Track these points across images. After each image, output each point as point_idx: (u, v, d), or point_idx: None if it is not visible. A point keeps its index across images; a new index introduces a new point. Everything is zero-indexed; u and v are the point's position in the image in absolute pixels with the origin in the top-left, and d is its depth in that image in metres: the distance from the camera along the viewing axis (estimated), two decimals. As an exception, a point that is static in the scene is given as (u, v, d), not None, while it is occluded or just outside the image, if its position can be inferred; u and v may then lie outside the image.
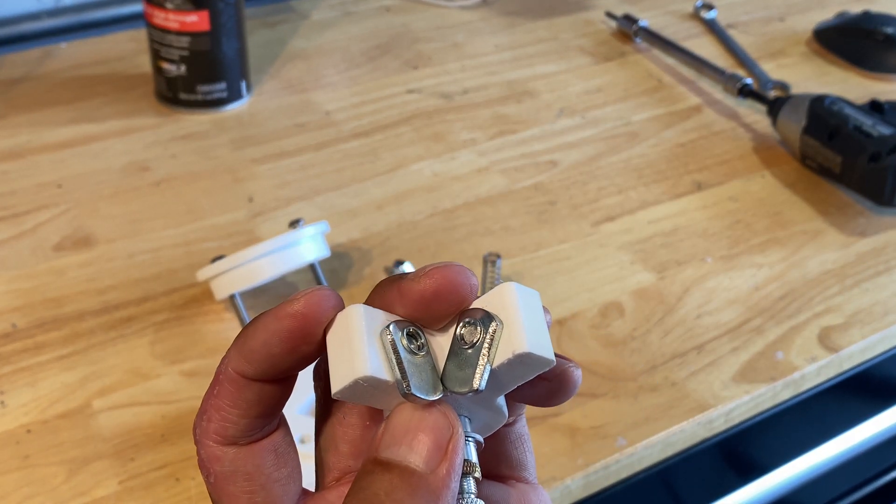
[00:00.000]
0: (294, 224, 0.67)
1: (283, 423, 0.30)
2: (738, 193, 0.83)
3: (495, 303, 0.27)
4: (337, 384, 0.27)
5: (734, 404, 0.63)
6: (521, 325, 0.26)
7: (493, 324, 0.27)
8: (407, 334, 0.27)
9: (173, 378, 0.62)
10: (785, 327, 0.69)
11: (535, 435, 0.59)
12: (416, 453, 0.26)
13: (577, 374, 0.29)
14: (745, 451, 0.71)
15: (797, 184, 0.85)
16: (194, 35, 0.84)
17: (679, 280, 0.73)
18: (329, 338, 0.28)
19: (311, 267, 0.68)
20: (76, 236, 0.73)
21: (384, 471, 0.25)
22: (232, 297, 0.65)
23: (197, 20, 0.84)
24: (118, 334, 0.65)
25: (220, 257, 0.66)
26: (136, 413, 0.60)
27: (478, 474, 0.28)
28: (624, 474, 0.60)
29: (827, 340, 0.68)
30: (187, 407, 0.60)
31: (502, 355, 0.26)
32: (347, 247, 0.74)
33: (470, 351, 0.27)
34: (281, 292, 0.69)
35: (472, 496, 0.27)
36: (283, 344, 0.28)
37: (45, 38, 1.01)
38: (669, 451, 0.62)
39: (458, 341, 0.28)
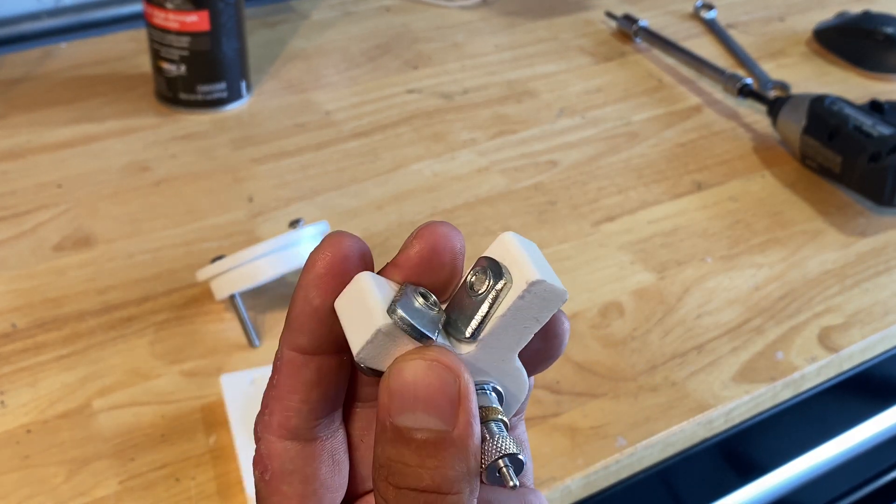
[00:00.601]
0: (294, 224, 0.67)
1: (340, 431, 0.30)
2: (738, 193, 0.83)
3: (499, 251, 0.27)
4: (357, 344, 0.26)
5: (734, 404, 0.63)
6: (528, 262, 0.27)
7: (503, 268, 0.27)
8: (419, 293, 0.27)
9: (173, 378, 0.62)
10: (785, 327, 0.69)
11: (535, 435, 0.59)
12: (432, 415, 0.25)
13: (566, 321, 0.29)
14: (745, 451, 0.71)
15: (797, 184, 0.85)
16: (194, 35, 0.84)
17: (679, 280, 0.73)
18: (340, 306, 0.27)
19: (311, 267, 0.68)
20: (76, 236, 0.73)
21: (406, 441, 0.25)
22: (232, 297, 0.65)
23: (197, 20, 0.84)
24: (118, 334, 0.65)
25: (220, 257, 0.66)
26: (137, 413, 0.60)
27: (503, 417, 0.27)
28: (624, 474, 0.60)
29: (827, 340, 0.68)
30: (187, 407, 0.60)
31: (515, 292, 0.26)
32: (347, 247, 0.73)
33: (478, 298, 0.27)
34: (281, 292, 0.69)
35: (505, 436, 0.26)
36: (321, 292, 0.27)
37: (45, 38, 1.01)
38: (669, 452, 0.62)
39: (466, 291, 0.27)
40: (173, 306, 0.68)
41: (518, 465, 0.26)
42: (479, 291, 0.27)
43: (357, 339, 0.27)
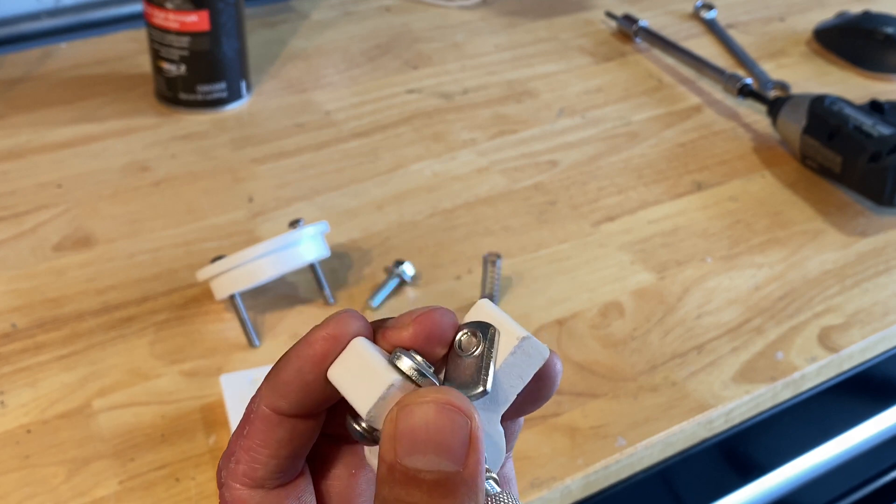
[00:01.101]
0: (294, 224, 0.67)
1: (305, 471, 0.30)
2: (738, 193, 0.83)
3: (480, 316, 0.28)
4: (366, 404, 0.27)
5: (734, 404, 0.63)
6: (511, 323, 0.28)
7: (491, 329, 0.28)
8: (414, 353, 0.28)
9: (173, 378, 0.62)
10: (785, 327, 0.69)
11: (535, 435, 0.59)
12: (443, 458, 0.25)
13: (558, 363, 0.29)
14: (745, 452, 0.71)
15: (797, 184, 0.85)
16: (194, 35, 0.84)
17: (679, 280, 0.73)
18: (336, 374, 0.28)
19: (311, 267, 0.68)
20: (76, 236, 0.73)
21: (415, 483, 0.25)
22: (232, 297, 0.65)
23: (197, 20, 0.84)
24: (118, 334, 0.65)
25: (220, 257, 0.66)
26: (136, 413, 0.60)
27: (493, 475, 0.28)
28: (624, 474, 0.60)
29: (827, 340, 0.68)
30: (187, 407, 0.60)
31: (504, 350, 0.27)
32: (347, 247, 0.74)
33: (471, 358, 0.28)
34: (281, 292, 0.69)
35: (500, 495, 0.27)
36: (316, 369, 0.28)
37: (44, 38, 1.01)
38: (669, 452, 0.62)
39: (456, 353, 0.28)
40: (173, 306, 0.68)
41: None
42: (471, 351, 0.28)
43: (364, 400, 0.27)
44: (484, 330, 0.28)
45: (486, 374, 0.27)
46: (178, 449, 0.58)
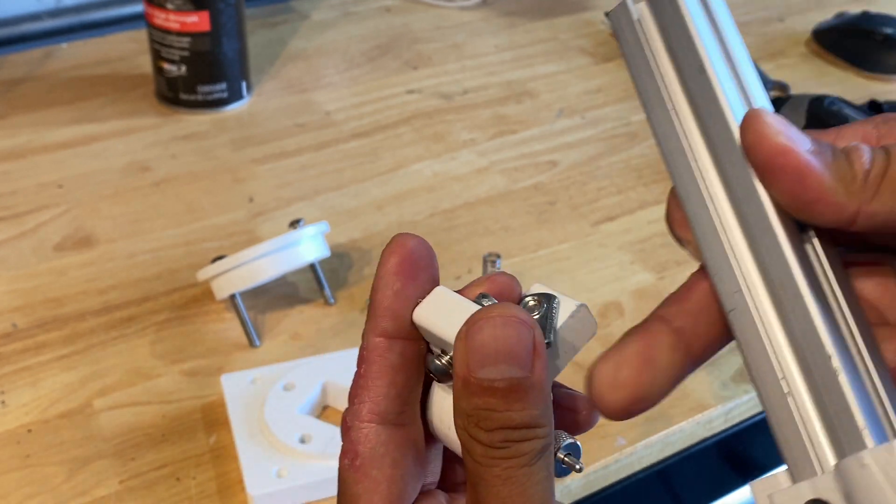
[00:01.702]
0: (294, 224, 0.67)
1: (420, 422, 0.32)
2: (738, 193, 0.83)
3: (540, 290, 0.31)
4: (454, 330, 0.29)
5: (733, 404, 0.63)
6: (568, 297, 0.31)
7: (553, 296, 0.31)
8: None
9: (174, 378, 0.62)
10: (784, 327, 0.69)
11: (534, 434, 0.60)
12: (513, 365, 0.28)
13: (597, 416, 0.33)
14: (744, 451, 0.71)
15: (796, 184, 0.85)
16: (195, 35, 0.85)
17: (679, 280, 0.72)
18: (421, 315, 0.30)
19: (312, 267, 0.68)
20: (77, 236, 0.74)
21: (490, 391, 0.27)
22: (232, 297, 0.65)
23: (197, 21, 0.84)
24: (119, 334, 0.65)
25: (220, 257, 0.66)
26: (137, 413, 0.60)
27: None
28: (623, 474, 0.61)
29: (826, 340, 0.68)
30: (188, 406, 0.60)
31: (566, 312, 0.31)
32: (347, 247, 0.74)
33: (539, 316, 0.30)
34: (281, 292, 0.69)
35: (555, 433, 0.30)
36: (402, 277, 0.31)
37: (45, 38, 1.01)
38: (669, 451, 0.62)
39: None
40: (174, 306, 0.68)
41: (576, 450, 0.30)
42: (535, 314, 0.30)
43: (452, 328, 0.29)
44: (547, 297, 0.31)
45: (550, 330, 0.30)
46: (178, 448, 0.58)
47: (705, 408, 0.62)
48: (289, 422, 0.56)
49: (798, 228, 0.28)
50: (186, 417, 0.60)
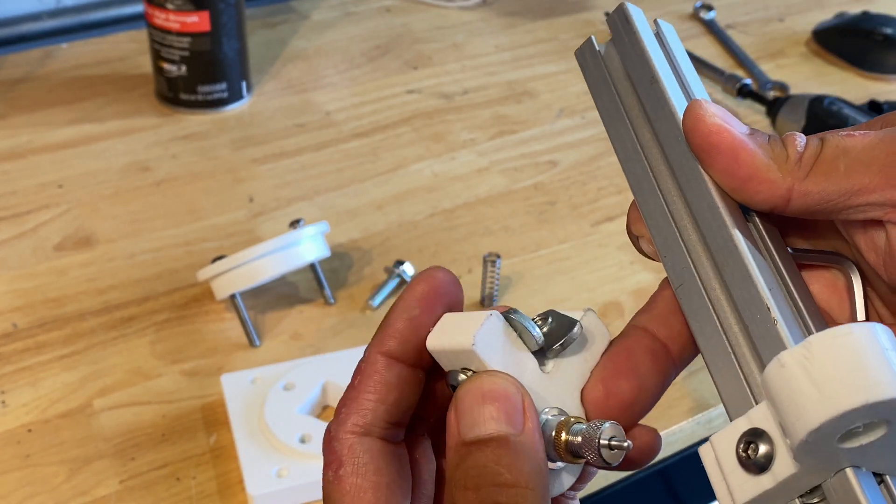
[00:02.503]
0: (294, 224, 0.67)
1: (406, 447, 0.32)
2: (738, 193, 0.83)
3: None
4: (471, 333, 0.29)
5: (733, 404, 0.63)
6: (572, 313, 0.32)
7: (560, 315, 0.32)
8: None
9: (174, 377, 0.62)
10: (784, 327, 0.69)
11: (534, 434, 0.60)
12: (501, 422, 0.28)
13: (658, 442, 0.33)
14: (744, 451, 0.71)
15: (796, 184, 0.85)
16: (195, 35, 0.85)
17: (678, 280, 0.73)
18: (433, 339, 0.30)
19: (312, 267, 0.68)
20: (77, 236, 0.74)
21: (480, 448, 0.27)
22: (232, 297, 0.65)
23: (197, 21, 0.84)
24: (119, 334, 0.65)
25: (220, 257, 0.66)
26: (137, 412, 0.60)
27: (579, 416, 0.30)
28: (623, 474, 0.61)
29: (826, 340, 0.68)
30: (188, 406, 0.60)
31: (574, 323, 0.31)
32: (347, 247, 0.74)
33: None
34: (281, 292, 0.69)
35: (590, 425, 0.29)
36: (422, 306, 0.30)
37: (46, 38, 1.01)
38: (669, 451, 0.62)
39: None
40: (174, 306, 0.68)
41: (618, 430, 0.29)
42: (544, 329, 0.31)
43: (467, 336, 0.29)
44: (555, 313, 0.32)
45: (561, 341, 0.31)
46: (178, 448, 0.58)
47: (705, 408, 0.63)
48: (289, 422, 0.56)
49: (742, 211, 0.30)
50: (186, 417, 0.60)
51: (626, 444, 0.29)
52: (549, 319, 0.31)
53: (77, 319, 0.66)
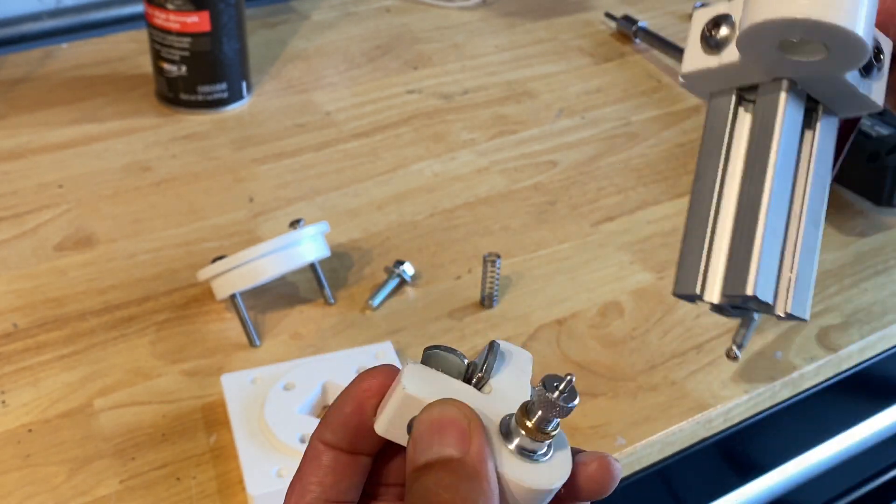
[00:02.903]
0: (294, 224, 0.68)
1: None
2: (738, 193, 0.83)
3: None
4: (399, 391, 0.31)
5: (733, 404, 0.63)
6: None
7: (496, 344, 0.34)
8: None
9: (174, 377, 0.62)
10: (784, 327, 0.69)
11: (534, 434, 0.60)
12: (446, 445, 0.29)
13: (617, 466, 0.35)
14: (744, 451, 0.71)
15: (796, 184, 0.85)
16: (195, 35, 0.85)
17: (678, 280, 0.73)
18: (382, 421, 0.32)
19: (312, 267, 0.68)
20: (77, 236, 0.74)
21: (427, 471, 0.29)
22: (233, 297, 0.65)
23: (197, 21, 0.84)
24: (119, 334, 0.65)
25: (220, 257, 0.66)
26: (137, 412, 0.60)
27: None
28: (623, 474, 0.61)
29: (826, 340, 0.68)
30: (188, 406, 0.60)
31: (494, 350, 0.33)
32: (347, 247, 0.74)
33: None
34: (281, 292, 0.69)
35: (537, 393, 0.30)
36: (354, 403, 0.32)
37: (46, 38, 1.01)
38: (669, 451, 0.62)
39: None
40: (174, 306, 0.68)
41: (554, 377, 0.30)
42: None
43: (397, 392, 0.31)
44: (489, 348, 0.33)
45: (486, 371, 0.32)
46: (178, 448, 0.58)
47: (705, 408, 0.63)
48: (289, 422, 0.56)
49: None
50: (186, 417, 0.60)
51: (567, 377, 0.30)
52: (460, 353, 0.33)
53: (77, 319, 0.66)
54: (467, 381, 0.32)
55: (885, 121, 0.81)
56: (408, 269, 0.70)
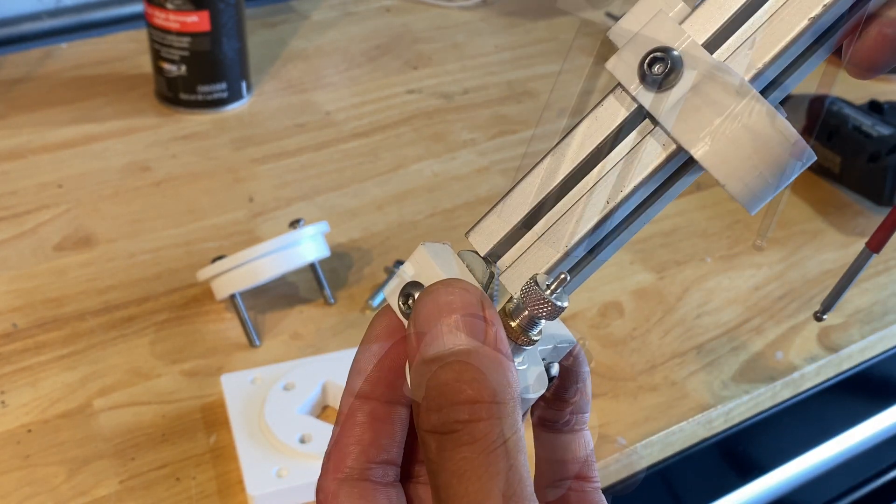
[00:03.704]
0: (294, 224, 0.67)
1: (397, 485, 0.30)
2: (738, 193, 0.83)
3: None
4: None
5: (734, 404, 0.63)
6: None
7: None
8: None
9: (174, 378, 0.62)
10: (784, 327, 0.69)
11: (534, 434, 0.60)
12: (461, 335, 0.26)
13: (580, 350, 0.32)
14: (744, 451, 0.71)
15: (797, 184, 0.85)
16: (195, 35, 0.85)
17: (679, 280, 0.73)
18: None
19: (312, 267, 0.68)
20: (77, 236, 0.74)
21: (438, 366, 0.26)
22: (232, 297, 0.65)
23: (197, 20, 0.84)
24: (119, 334, 0.65)
25: (220, 257, 0.66)
26: (137, 413, 0.60)
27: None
28: (624, 474, 0.61)
29: (826, 340, 0.68)
30: (188, 406, 0.60)
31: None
32: (347, 247, 0.74)
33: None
34: (281, 292, 0.69)
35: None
36: (381, 339, 0.30)
37: (45, 38, 1.01)
38: (669, 451, 0.62)
39: None
40: (174, 306, 0.68)
41: (546, 276, 0.29)
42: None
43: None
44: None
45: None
46: (178, 448, 0.58)
47: (705, 408, 0.62)
48: (289, 422, 0.56)
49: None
50: (186, 417, 0.60)
51: (563, 276, 0.29)
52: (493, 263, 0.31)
53: (77, 319, 0.66)
54: (484, 288, 0.30)
55: (886, 121, 0.81)
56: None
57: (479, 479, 0.25)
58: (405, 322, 0.29)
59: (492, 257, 0.31)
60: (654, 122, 0.28)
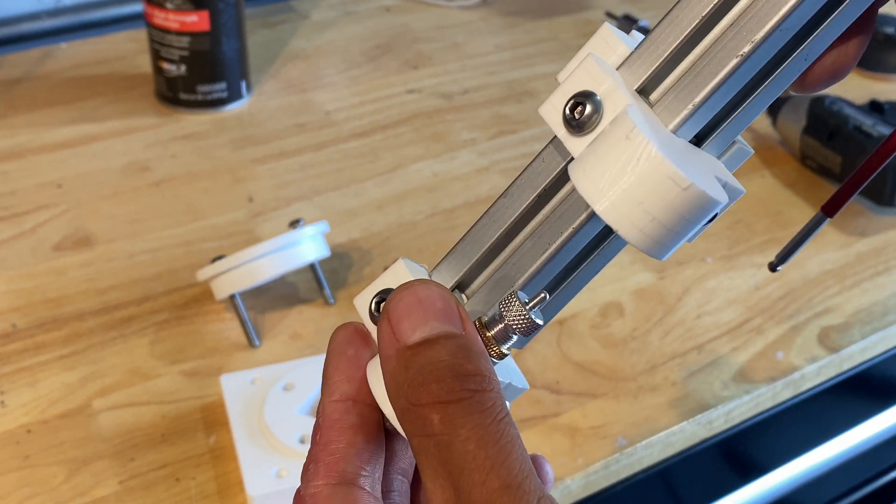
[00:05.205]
0: (294, 224, 0.67)
1: (378, 491, 0.30)
2: (738, 193, 0.83)
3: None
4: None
5: (734, 404, 0.63)
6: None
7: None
8: None
9: (173, 378, 0.62)
10: (785, 327, 0.69)
11: (535, 435, 0.59)
12: (446, 323, 0.27)
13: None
14: (745, 451, 0.71)
15: (797, 184, 0.85)
16: (194, 35, 0.85)
17: (679, 280, 0.73)
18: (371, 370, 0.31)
19: (311, 267, 0.68)
20: (76, 236, 0.73)
21: (430, 346, 0.26)
22: (232, 297, 0.65)
23: (197, 20, 0.84)
24: (118, 334, 0.65)
25: (220, 257, 0.66)
26: (136, 413, 0.60)
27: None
28: (624, 474, 0.61)
29: (827, 340, 0.68)
30: (187, 407, 0.60)
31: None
32: (347, 247, 0.74)
33: None
34: (281, 292, 0.69)
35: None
36: (354, 346, 0.30)
37: (45, 38, 1.01)
38: (669, 451, 0.62)
39: None
40: (173, 306, 0.68)
41: (525, 294, 0.29)
42: None
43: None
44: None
45: None
46: (178, 449, 0.58)
47: (705, 408, 0.62)
48: (289, 422, 0.56)
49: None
50: (186, 417, 0.60)
51: (542, 295, 0.29)
52: None
53: (76, 319, 0.66)
54: None
55: (886, 121, 0.81)
56: (408, 269, 0.69)
57: (496, 442, 0.25)
58: (371, 327, 0.30)
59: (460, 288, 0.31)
60: None
